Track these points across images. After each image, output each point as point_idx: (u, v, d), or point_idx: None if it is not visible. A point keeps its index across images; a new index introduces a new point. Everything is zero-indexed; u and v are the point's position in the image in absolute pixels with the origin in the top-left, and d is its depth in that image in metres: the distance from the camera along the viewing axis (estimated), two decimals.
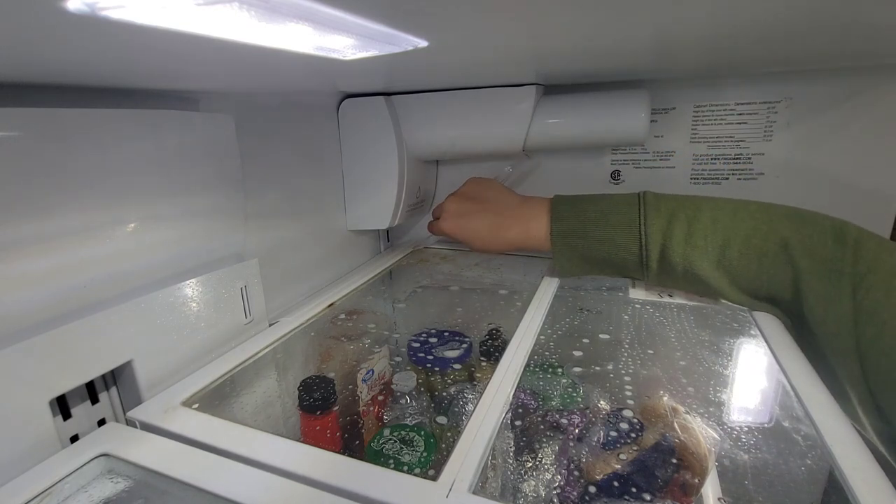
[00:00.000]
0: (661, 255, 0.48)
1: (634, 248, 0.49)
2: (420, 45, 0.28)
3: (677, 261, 0.47)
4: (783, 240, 0.44)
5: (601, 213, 0.50)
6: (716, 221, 0.46)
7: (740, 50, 0.41)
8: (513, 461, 0.37)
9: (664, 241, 0.47)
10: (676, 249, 0.47)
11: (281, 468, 0.30)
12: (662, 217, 0.48)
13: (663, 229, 0.47)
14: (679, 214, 0.47)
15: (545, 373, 0.46)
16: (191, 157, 0.42)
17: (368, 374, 0.48)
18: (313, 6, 0.19)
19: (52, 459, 0.32)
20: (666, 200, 0.49)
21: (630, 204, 0.50)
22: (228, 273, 0.46)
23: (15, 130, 0.30)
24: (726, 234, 0.46)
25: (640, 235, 0.48)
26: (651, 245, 0.48)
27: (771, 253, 0.44)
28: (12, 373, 0.30)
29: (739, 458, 0.35)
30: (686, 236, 0.46)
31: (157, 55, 0.27)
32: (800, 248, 0.43)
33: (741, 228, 0.45)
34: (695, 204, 0.48)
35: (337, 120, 0.66)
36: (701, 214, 0.47)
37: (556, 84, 0.65)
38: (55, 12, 0.17)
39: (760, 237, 0.45)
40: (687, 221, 0.47)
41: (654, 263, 0.49)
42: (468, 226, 0.59)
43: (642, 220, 0.48)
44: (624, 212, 0.49)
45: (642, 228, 0.48)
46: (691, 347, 0.48)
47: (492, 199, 0.60)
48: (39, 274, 0.32)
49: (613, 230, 0.49)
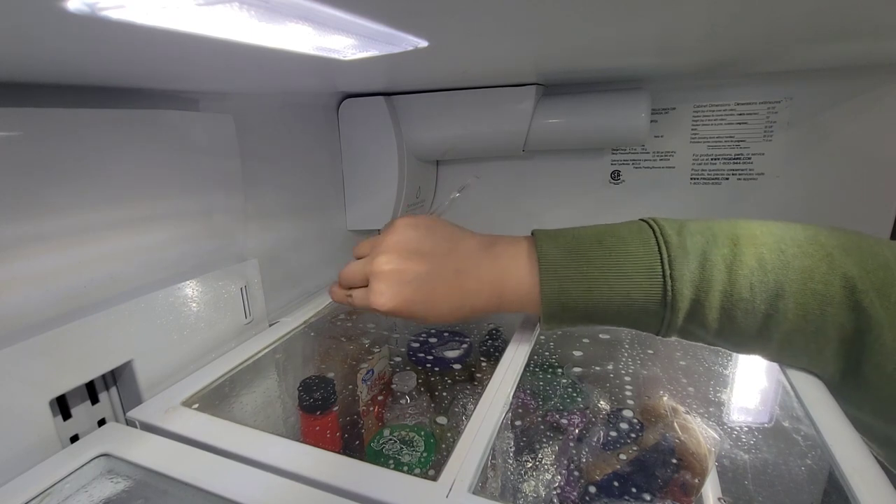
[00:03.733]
0: (689, 314, 0.35)
1: (654, 304, 0.35)
2: (420, 45, 0.28)
3: (711, 321, 0.35)
4: (848, 281, 0.33)
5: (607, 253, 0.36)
6: (762, 262, 0.34)
7: (741, 49, 0.41)
8: (513, 461, 0.37)
9: (695, 296, 0.34)
10: (713, 304, 0.34)
11: (281, 468, 0.30)
12: (692, 262, 0.35)
13: (695, 281, 0.34)
14: (713, 258, 0.34)
15: (545, 373, 0.46)
16: (191, 157, 0.42)
17: (368, 374, 0.48)
18: (313, 6, 0.19)
19: (52, 459, 0.32)
20: (691, 236, 0.36)
21: (644, 243, 0.36)
22: (228, 273, 0.46)
23: (15, 130, 0.30)
24: (778, 280, 0.33)
25: (664, 292, 0.35)
26: (679, 302, 0.34)
27: (836, 300, 0.33)
28: (12, 373, 0.30)
29: (739, 458, 0.35)
30: (727, 288, 0.34)
31: (157, 55, 0.27)
32: (871, 290, 0.32)
33: (794, 269, 0.33)
34: (730, 238, 0.35)
35: (337, 120, 0.66)
36: (741, 254, 0.34)
37: (556, 84, 0.65)
38: (55, 12, 0.17)
39: (820, 280, 0.33)
40: (726, 267, 0.34)
41: (678, 322, 0.36)
42: (416, 298, 0.39)
43: (667, 270, 0.35)
44: (639, 255, 0.36)
45: (668, 283, 0.35)
46: (691, 347, 0.48)
47: (441, 249, 0.40)
48: (39, 274, 0.32)
49: (628, 281, 0.36)
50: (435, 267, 0.39)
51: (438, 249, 0.40)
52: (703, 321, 0.35)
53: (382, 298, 0.39)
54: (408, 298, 0.38)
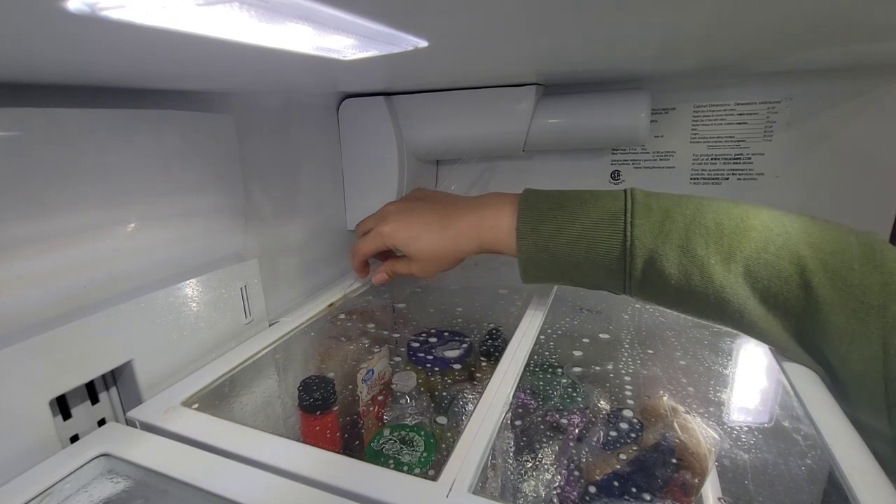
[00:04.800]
0: (648, 263, 0.39)
1: (616, 250, 0.39)
2: (420, 45, 0.28)
3: (670, 271, 0.38)
4: (800, 259, 0.35)
5: (580, 203, 0.41)
6: (720, 227, 0.37)
7: (741, 50, 0.41)
8: (513, 461, 0.37)
9: (654, 246, 0.38)
10: (670, 256, 0.38)
11: (281, 468, 0.30)
12: (654, 216, 0.39)
13: (654, 231, 0.38)
14: (674, 215, 0.39)
15: (545, 373, 0.46)
16: (191, 157, 0.42)
17: (368, 374, 0.48)
18: (313, 6, 0.19)
19: (52, 459, 0.32)
20: (658, 198, 0.40)
21: (615, 198, 0.41)
22: (228, 273, 0.46)
23: (15, 130, 0.30)
24: (732, 245, 0.37)
25: (624, 237, 0.39)
26: (638, 249, 0.38)
27: (785, 274, 0.36)
28: (12, 373, 0.30)
29: (739, 458, 0.36)
30: (683, 242, 0.37)
31: (157, 55, 0.27)
32: (821, 271, 0.35)
33: (750, 238, 0.37)
34: (694, 204, 0.39)
35: (337, 120, 0.66)
36: (702, 216, 0.38)
37: (556, 84, 0.65)
38: (55, 12, 0.17)
39: (773, 252, 0.36)
40: (685, 224, 0.38)
41: (637, 272, 0.39)
42: (414, 220, 0.48)
43: (628, 218, 0.39)
44: (607, 206, 0.40)
45: (628, 228, 0.39)
46: (691, 347, 0.48)
47: (437, 198, 0.51)
48: (39, 274, 0.32)
49: (593, 226, 0.40)
50: (429, 205, 0.49)
51: (435, 197, 0.51)
52: (661, 275, 0.38)
53: (387, 226, 0.48)
54: (406, 222, 0.48)
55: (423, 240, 0.47)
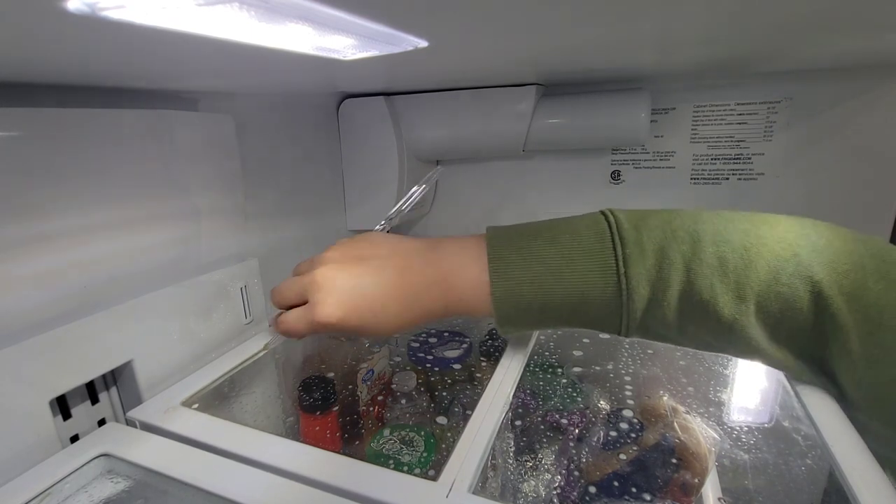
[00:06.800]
0: (647, 312, 0.34)
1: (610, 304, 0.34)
2: (420, 45, 0.28)
3: (671, 321, 0.34)
4: (814, 285, 0.31)
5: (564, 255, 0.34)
6: (724, 262, 0.32)
7: (740, 50, 0.41)
8: (513, 461, 0.37)
9: (652, 296, 0.33)
10: (671, 304, 0.33)
11: (281, 468, 0.30)
12: (648, 260, 0.33)
13: (651, 279, 0.33)
14: (671, 255, 0.33)
15: (545, 373, 0.46)
16: (191, 157, 0.42)
17: (368, 374, 0.48)
18: (313, 6, 0.19)
19: (52, 459, 0.32)
20: (648, 230, 0.34)
21: (600, 238, 0.34)
22: (228, 273, 0.46)
23: (15, 130, 0.30)
24: (739, 281, 0.32)
25: (619, 291, 0.33)
26: (636, 302, 0.33)
27: (799, 304, 0.31)
28: (12, 373, 0.30)
29: (739, 458, 0.36)
30: (685, 287, 0.32)
31: (157, 55, 0.27)
32: (836, 295, 0.31)
33: (758, 270, 0.32)
34: (689, 233, 0.33)
35: (337, 120, 0.66)
36: (702, 251, 0.32)
37: (556, 84, 0.65)
38: (55, 12, 0.17)
39: (785, 283, 0.31)
40: (684, 265, 0.33)
41: (636, 322, 0.34)
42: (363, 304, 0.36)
43: (621, 269, 0.33)
44: (594, 252, 0.34)
45: (622, 281, 0.33)
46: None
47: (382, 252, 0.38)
48: (39, 274, 0.32)
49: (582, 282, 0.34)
50: (378, 269, 0.37)
51: (380, 252, 0.38)
52: (663, 321, 0.34)
53: (327, 309, 0.35)
54: (354, 305, 0.36)
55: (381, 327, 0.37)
